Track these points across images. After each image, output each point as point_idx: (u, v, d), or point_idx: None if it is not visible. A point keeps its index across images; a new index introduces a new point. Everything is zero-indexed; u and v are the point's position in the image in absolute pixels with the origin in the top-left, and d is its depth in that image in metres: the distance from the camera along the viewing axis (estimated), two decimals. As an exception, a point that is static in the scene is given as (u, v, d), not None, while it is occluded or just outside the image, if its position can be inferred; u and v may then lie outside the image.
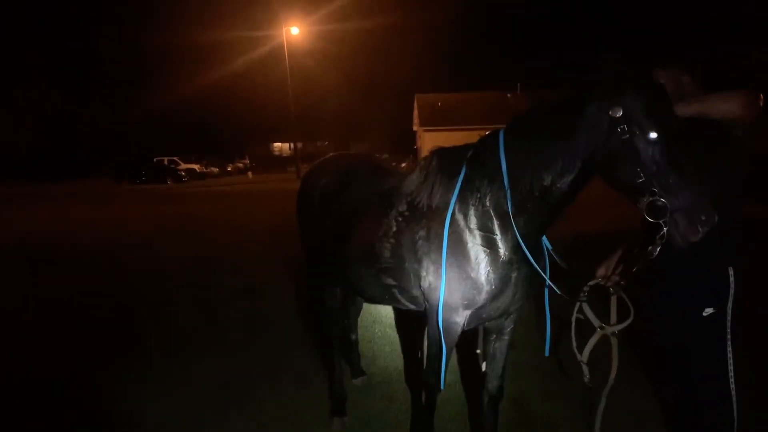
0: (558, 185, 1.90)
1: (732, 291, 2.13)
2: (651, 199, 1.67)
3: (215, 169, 38.86)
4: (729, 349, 2.17)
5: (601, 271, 2.35)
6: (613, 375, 2.34)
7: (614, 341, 2.34)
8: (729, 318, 2.15)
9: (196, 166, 36.21)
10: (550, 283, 2.12)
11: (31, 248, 9.04)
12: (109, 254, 8.22)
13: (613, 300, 2.31)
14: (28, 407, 3.29)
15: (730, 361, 2.18)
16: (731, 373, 2.18)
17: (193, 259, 7.57)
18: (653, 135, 1.65)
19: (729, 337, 2.16)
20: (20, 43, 41.44)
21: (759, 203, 10.07)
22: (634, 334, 2.46)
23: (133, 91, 45.90)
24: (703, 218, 1.64)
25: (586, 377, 2.37)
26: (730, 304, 2.13)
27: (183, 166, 34.26)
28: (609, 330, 2.31)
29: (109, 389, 3.44)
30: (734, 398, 2.20)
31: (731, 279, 2.13)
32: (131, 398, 3.32)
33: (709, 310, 2.14)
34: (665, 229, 1.68)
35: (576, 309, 2.35)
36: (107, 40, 47.41)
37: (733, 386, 2.19)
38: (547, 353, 2.29)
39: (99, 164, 37.98)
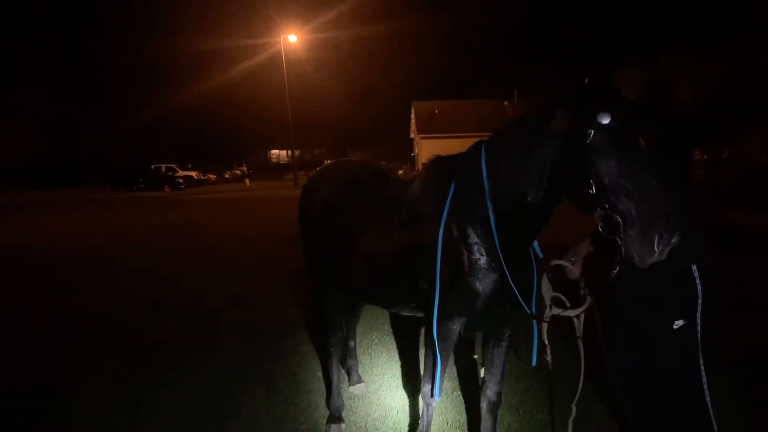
0: (532, 197, 1.91)
1: (700, 296, 2.02)
2: (605, 212, 1.62)
3: (213, 177, 38.97)
4: (701, 360, 2.06)
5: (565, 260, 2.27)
6: (580, 383, 2.29)
7: (581, 349, 2.27)
8: (699, 328, 2.04)
9: (193, 174, 36.33)
10: (523, 304, 2.07)
11: (24, 255, 8.99)
12: (104, 262, 8.20)
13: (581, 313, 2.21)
14: (20, 417, 3.26)
15: (704, 374, 2.07)
16: (705, 386, 2.07)
17: (190, 267, 7.55)
18: (604, 145, 1.62)
19: (700, 348, 2.06)
20: (19, 50, 41.52)
21: (753, 210, 10.16)
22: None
23: (131, 99, 46.09)
24: (660, 236, 1.53)
25: (548, 357, 2.30)
26: (699, 312, 2.03)
27: (181, 173, 34.33)
28: (558, 312, 2.19)
29: (103, 399, 3.41)
30: (711, 412, 2.09)
31: (697, 282, 2.02)
32: (126, 408, 3.29)
33: (679, 323, 2.04)
34: (622, 247, 1.61)
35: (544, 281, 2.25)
36: (106, 47, 47.62)
37: (708, 399, 2.08)
38: (534, 363, 2.29)
39: (97, 171, 37.93)
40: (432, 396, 2.28)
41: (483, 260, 2.08)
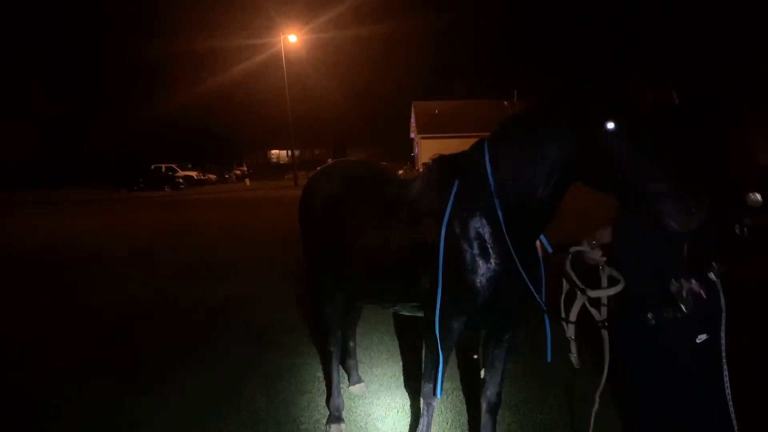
0: (540, 192, 1.92)
1: (724, 310, 1.98)
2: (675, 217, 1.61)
3: (213, 176, 38.95)
4: (726, 374, 2.01)
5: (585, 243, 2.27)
6: (604, 376, 2.30)
7: (606, 339, 2.27)
8: (723, 342, 1.99)
9: (193, 173, 36.34)
10: (538, 298, 2.11)
11: (24, 255, 8.99)
12: (104, 262, 8.19)
13: (603, 276, 2.23)
14: (20, 417, 3.26)
15: (728, 391, 2.01)
16: (730, 403, 2.01)
17: (190, 267, 7.55)
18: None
19: (725, 363, 2.00)
20: (20, 50, 41.51)
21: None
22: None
23: (131, 99, 46.00)
24: (696, 201, 1.58)
25: (573, 355, 2.30)
26: (723, 326, 1.98)
27: (181, 173, 34.33)
28: (592, 293, 2.16)
29: (104, 399, 3.41)
30: (735, 423, 2.03)
31: (721, 295, 1.97)
32: (126, 408, 3.29)
33: (702, 337, 1.98)
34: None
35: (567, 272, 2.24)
36: (106, 47, 47.61)
37: (732, 412, 2.02)
38: (549, 359, 2.28)
39: (97, 171, 37.96)
40: (434, 395, 2.28)
41: (486, 257, 2.08)
